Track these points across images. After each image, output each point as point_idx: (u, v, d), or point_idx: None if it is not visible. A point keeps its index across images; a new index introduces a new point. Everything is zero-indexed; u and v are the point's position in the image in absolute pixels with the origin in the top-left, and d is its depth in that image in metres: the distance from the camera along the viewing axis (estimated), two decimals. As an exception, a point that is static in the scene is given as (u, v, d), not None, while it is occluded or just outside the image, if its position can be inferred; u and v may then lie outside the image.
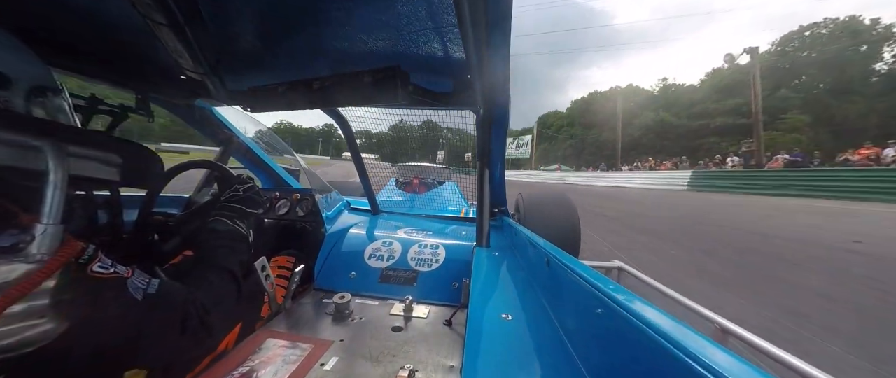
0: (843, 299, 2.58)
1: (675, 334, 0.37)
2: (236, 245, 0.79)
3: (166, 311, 0.56)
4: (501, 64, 0.79)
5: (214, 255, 0.74)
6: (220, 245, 0.77)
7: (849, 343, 1.92)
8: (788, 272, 3.22)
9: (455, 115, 1.29)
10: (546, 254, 0.82)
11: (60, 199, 0.48)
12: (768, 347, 0.87)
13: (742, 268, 3.38)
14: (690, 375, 0.33)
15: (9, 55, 0.53)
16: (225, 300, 0.70)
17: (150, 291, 0.54)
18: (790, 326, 2.11)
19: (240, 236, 0.81)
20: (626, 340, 0.45)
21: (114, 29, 0.81)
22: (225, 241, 0.78)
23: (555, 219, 2.02)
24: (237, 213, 0.84)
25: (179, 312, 0.58)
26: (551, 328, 0.68)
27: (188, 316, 0.59)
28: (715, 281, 2.96)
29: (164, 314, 0.56)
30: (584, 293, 0.58)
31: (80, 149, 0.57)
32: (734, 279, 3.02)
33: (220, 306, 0.68)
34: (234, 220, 0.82)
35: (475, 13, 0.60)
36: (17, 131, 0.47)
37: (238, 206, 0.85)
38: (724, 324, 1.03)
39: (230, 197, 0.87)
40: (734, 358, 0.33)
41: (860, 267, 3.38)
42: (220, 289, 0.70)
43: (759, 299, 2.55)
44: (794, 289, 2.80)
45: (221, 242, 0.78)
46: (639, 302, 0.47)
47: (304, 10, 0.69)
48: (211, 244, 0.77)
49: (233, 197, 0.87)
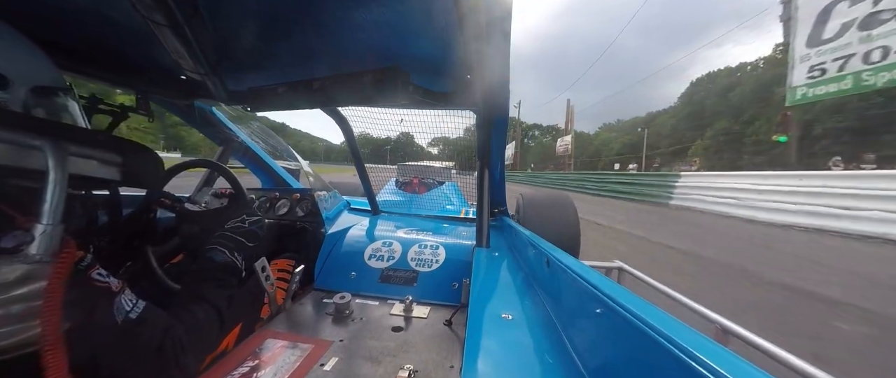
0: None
1: (675, 334, 0.37)
2: (228, 279, 0.78)
3: (142, 341, 0.54)
4: (501, 64, 0.79)
5: (206, 288, 0.73)
6: (213, 277, 0.75)
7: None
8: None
9: (455, 114, 1.29)
10: (546, 254, 0.82)
11: (60, 199, 0.48)
12: (769, 347, 0.87)
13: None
14: (691, 375, 0.33)
15: (15, 53, 0.53)
16: (205, 339, 0.69)
17: (131, 316, 0.53)
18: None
19: (234, 269, 0.80)
20: (626, 340, 0.45)
21: (114, 29, 0.81)
22: (219, 274, 0.77)
23: (555, 219, 2.02)
24: (236, 245, 0.83)
25: (155, 346, 0.56)
26: (551, 328, 0.68)
27: (163, 350, 0.57)
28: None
29: (138, 343, 0.54)
30: (584, 293, 0.58)
31: (80, 148, 0.56)
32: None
33: (199, 345, 0.66)
34: (233, 252, 0.81)
35: (475, 13, 0.60)
36: (16, 130, 0.47)
37: (239, 238, 0.84)
38: (725, 324, 1.03)
39: (234, 228, 0.86)
40: (734, 358, 0.33)
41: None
42: (204, 325, 0.68)
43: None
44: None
45: (215, 275, 0.76)
46: (639, 302, 0.47)
47: (303, 10, 0.69)
48: (205, 275, 0.76)
49: (237, 229, 0.86)
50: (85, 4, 0.70)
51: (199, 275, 0.75)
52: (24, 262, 0.42)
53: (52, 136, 0.49)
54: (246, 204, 1.01)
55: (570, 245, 1.96)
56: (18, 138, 0.47)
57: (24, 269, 0.42)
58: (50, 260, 0.44)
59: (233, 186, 1.13)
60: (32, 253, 0.43)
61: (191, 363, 0.62)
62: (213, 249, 0.79)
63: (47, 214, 0.46)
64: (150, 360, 0.55)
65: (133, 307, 0.54)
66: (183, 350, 0.59)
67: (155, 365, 0.56)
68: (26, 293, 0.41)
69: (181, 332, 0.60)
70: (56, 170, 0.48)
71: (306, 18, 0.73)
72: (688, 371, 0.33)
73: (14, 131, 0.47)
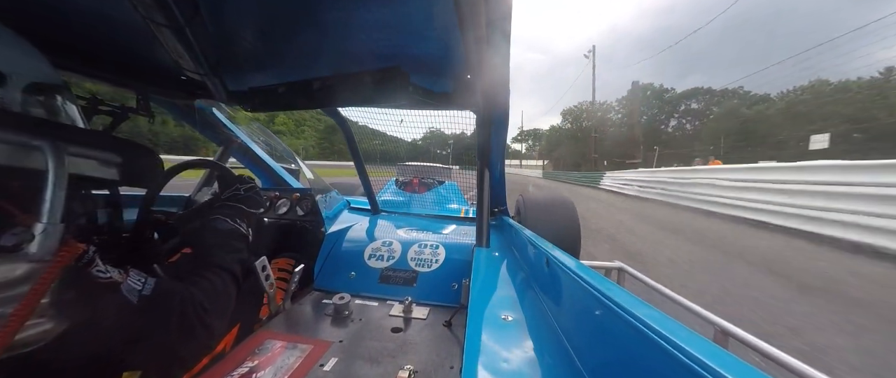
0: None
1: (674, 336, 0.37)
2: (236, 244, 0.79)
3: (163, 311, 0.56)
4: (501, 64, 0.79)
5: (214, 254, 0.74)
6: (220, 244, 0.76)
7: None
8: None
9: (455, 114, 1.28)
10: (546, 254, 0.82)
11: (60, 198, 0.48)
12: (769, 349, 0.87)
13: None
14: (690, 377, 0.33)
15: (10, 51, 0.53)
16: (224, 299, 0.70)
17: (144, 293, 0.53)
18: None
19: (240, 235, 0.81)
20: (626, 341, 0.45)
21: (114, 29, 0.81)
22: (225, 240, 0.78)
23: (555, 219, 2.02)
24: (238, 212, 0.83)
25: (177, 312, 0.57)
26: (551, 329, 0.68)
27: (186, 315, 0.58)
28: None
29: (160, 314, 0.55)
30: (584, 294, 0.58)
31: (79, 148, 0.56)
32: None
33: (219, 305, 0.67)
34: (235, 218, 0.82)
35: (475, 13, 0.60)
36: (16, 131, 0.47)
37: (239, 205, 0.85)
38: (725, 325, 1.02)
39: (231, 196, 0.86)
40: (734, 359, 0.33)
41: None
42: (220, 288, 0.69)
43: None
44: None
45: (221, 241, 0.77)
46: (639, 303, 0.47)
47: (304, 10, 0.69)
48: (211, 243, 0.76)
49: (234, 196, 0.86)
50: (85, 4, 0.70)
51: (205, 246, 0.76)
52: (25, 260, 0.42)
53: (51, 136, 0.49)
54: (235, 177, 1.01)
55: (571, 245, 1.96)
56: (18, 139, 0.47)
57: (25, 268, 0.42)
58: (50, 259, 0.44)
59: (219, 170, 1.12)
60: (33, 252, 0.43)
61: (215, 323, 0.64)
62: (216, 219, 0.80)
63: (47, 214, 0.46)
64: (176, 326, 0.56)
65: (144, 285, 0.54)
66: (205, 312, 0.61)
67: (182, 330, 0.57)
68: (26, 292, 0.41)
69: (200, 297, 0.62)
70: (56, 170, 0.48)
71: (306, 18, 0.73)
72: (687, 372, 0.33)
73: (14, 132, 0.47)
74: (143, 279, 0.55)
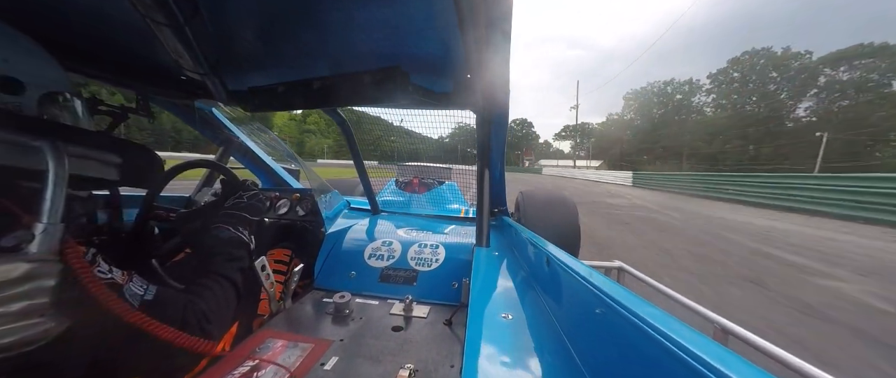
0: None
1: (675, 334, 0.37)
2: (237, 252, 0.79)
3: (164, 319, 0.55)
4: (501, 64, 0.79)
5: (216, 263, 0.74)
6: (222, 253, 0.77)
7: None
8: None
9: (455, 114, 1.29)
10: (546, 254, 0.82)
11: (61, 198, 0.48)
12: (769, 347, 0.87)
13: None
14: (690, 375, 0.33)
15: (30, 60, 0.53)
16: (225, 308, 0.70)
17: (147, 298, 0.53)
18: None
19: (241, 243, 0.81)
20: (627, 340, 0.45)
21: (114, 29, 0.81)
22: (227, 248, 0.78)
23: (555, 218, 2.02)
24: (240, 220, 0.84)
25: (178, 320, 0.57)
26: (551, 328, 0.68)
27: (187, 324, 0.58)
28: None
29: (161, 321, 0.55)
30: (584, 293, 0.58)
31: (79, 149, 0.57)
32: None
33: (220, 314, 0.67)
34: (237, 227, 0.82)
35: (475, 13, 0.60)
36: (16, 131, 0.48)
37: (241, 213, 0.85)
38: (725, 324, 1.03)
39: (234, 204, 0.87)
40: (734, 357, 0.33)
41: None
42: (221, 296, 0.69)
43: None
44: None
45: (223, 250, 0.77)
46: (639, 301, 0.47)
47: (304, 10, 0.69)
48: (213, 252, 0.77)
49: (237, 204, 0.87)
50: (85, 3, 0.70)
51: (207, 254, 0.77)
52: (25, 260, 0.43)
53: (51, 136, 0.49)
54: (239, 182, 1.01)
55: (571, 245, 1.96)
56: (18, 139, 0.47)
57: (25, 268, 0.42)
58: (51, 258, 0.44)
59: (224, 174, 1.13)
60: (33, 251, 0.43)
61: (216, 332, 0.64)
62: (217, 228, 0.80)
63: (47, 214, 0.46)
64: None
65: (146, 291, 0.55)
66: (207, 320, 0.61)
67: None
68: (27, 291, 0.41)
69: (202, 305, 0.62)
70: (56, 170, 0.48)
71: (306, 18, 0.73)
72: (687, 370, 0.33)
73: (14, 132, 0.47)
74: (146, 285, 0.55)
